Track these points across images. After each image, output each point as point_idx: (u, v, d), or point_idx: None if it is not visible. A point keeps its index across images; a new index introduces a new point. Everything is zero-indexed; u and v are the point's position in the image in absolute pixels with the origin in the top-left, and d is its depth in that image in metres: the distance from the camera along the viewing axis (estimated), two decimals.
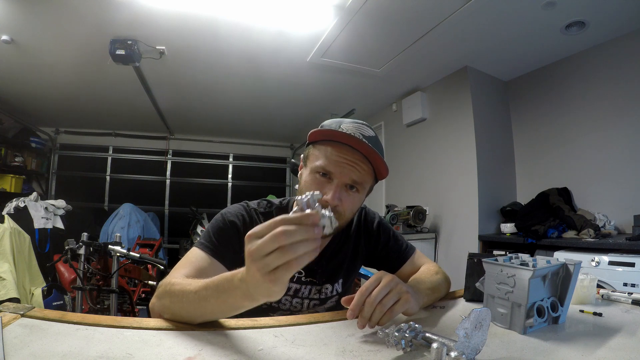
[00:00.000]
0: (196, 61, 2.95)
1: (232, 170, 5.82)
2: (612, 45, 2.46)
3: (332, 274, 0.91)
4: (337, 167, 0.74)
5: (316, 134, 0.78)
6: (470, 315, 0.47)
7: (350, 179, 0.75)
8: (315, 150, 0.79)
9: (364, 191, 0.80)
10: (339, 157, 0.74)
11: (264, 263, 0.44)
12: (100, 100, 3.93)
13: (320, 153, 0.77)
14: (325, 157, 0.75)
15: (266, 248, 0.44)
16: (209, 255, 0.76)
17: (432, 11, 2.19)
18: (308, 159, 0.80)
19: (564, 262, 0.68)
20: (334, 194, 0.73)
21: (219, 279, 0.55)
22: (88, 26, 2.42)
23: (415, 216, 3.10)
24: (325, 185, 0.75)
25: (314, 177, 0.76)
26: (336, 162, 0.74)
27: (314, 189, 0.74)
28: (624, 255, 1.86)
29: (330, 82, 3.36)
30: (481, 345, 0.49)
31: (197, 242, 0.80)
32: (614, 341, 0.58)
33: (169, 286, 0.64)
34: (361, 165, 0.75)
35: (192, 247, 0.80)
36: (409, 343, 0.52)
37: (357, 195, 0.78)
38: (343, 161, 0.74)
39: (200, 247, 0.78)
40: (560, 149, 2.80)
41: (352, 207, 0.78)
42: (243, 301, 0.52)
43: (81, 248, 2.05)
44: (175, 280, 0.65)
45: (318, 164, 0.76)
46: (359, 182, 0.76)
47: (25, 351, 0.47)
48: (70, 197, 4.09)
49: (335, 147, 0.76)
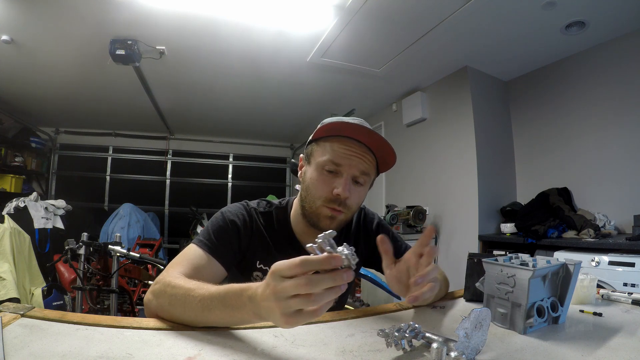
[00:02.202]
0: (196, 61, 2.95)
1: (232, 170, 5.82)
2: (612, 45, 2.46)
3: None
4: (345, 159, 0.75)
5: (322, 130, 0.77)
6: (470, 315, 0.47)
7: (358, 170, 0.76)
8: (320, 146, 0.78)
9: (368, 184, 0.81)
10: (346, 150, 0.75)
11: (287, 305, 0.44)
12: (100, 100, 3.93)
13: (326, 149, 0.77)
14: (332, 151, 0.75)
15: (291, 291, 0.44)
16: (207, 253, 0.75)
17: (432, 11, 2.19)
18: (312, 156, 0.80)
19: (564, 262, 0.68)
20: (345, 187, 0.74)
21: (226, 292, 0.54)
22: (88, 26, 2.42)
23: (415, 216, 3.10)
24: (334, 180, 0.75)
25: (321, 173, 0.76)
26: (344, 155, 0.75)
27: (323, 186, 0.76)
28: (624, 255, 1.86)
29: (330, 82, 3.36)
30: (481, 345, 0.49)
31: (195, 239, 0.79)
32: (614, 341, 0.58)
33: (169, 287, 0.63)
34: (367, 157, 0.76)
35: (190, 243, 0.79)
36: (409, 343, 0.52)
37: (362, 188, 0.79)
38: (351, 154, 0.75)
39: (198, 244, 0.77)
40: (560, 149, 2.79)
41: (358, 200, 0.79)
42: (252, 318, 0.52)
43: (81, 248, 2.05)
44: (175, 281, 0.63)
45: (325, 159, 0.75)
46: (367, 173, 0.77)
47: (25, 351, 0.47)
48: (70, 197, 4.09)
49: (340, 141, 0.76)
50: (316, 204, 0.77)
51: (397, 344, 0.52)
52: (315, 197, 0.77)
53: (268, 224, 0.86)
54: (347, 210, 0.77)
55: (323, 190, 0.75)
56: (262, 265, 0.84)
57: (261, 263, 0.84)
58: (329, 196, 0.75)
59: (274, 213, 0.88)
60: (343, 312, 0.73)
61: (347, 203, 0.75)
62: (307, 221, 0.81)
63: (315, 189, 0.77)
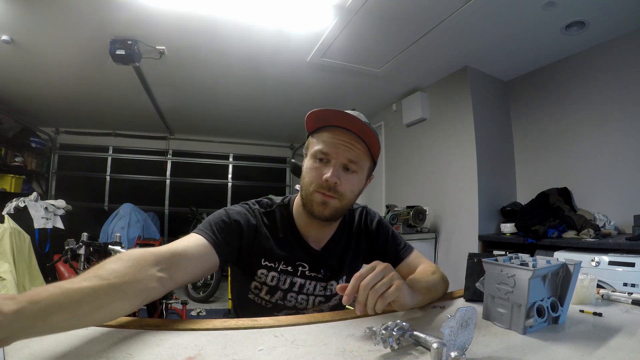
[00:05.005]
0: (196, 61, 2.95)
1: (232, 170, 5.82)
2: (612, 45, 2.46)
3: (336, 270, 0.93)
4: (333, 148, 0.80)
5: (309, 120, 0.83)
6: (456, 314, 0.47)
7: (346, 158, 0.80)
8: (313, 138, 0.85)
9: (362, 172, 0.85)
10: (334, 139, 0.81)
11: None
12: (100, 100, 3.93)
13: (318, 140, 0.83)
14: (322, 141, 0.82)
15: None
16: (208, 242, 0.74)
17: (432, 11, 2.19)
18: (308, 148, 0.86)
19: (564, 262, 0.68)
20: (333, 173, 0.79)
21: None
22: (88, 26, 2.42)
23: (415, 216, 3.10)
24: (324, 167, 0.81)
25: (313, 162, 0.83)
26: (332, 144, 0.80)
27: (314, 173, 0.81)
28: (624, 255, 1.86)
29: (330, 82, 3.36)
30: (467, 344, 0.50)
31: (196, 229, 0.78)
32: (614, 341, 0.58)
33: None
34: (356, 145, 0.81)
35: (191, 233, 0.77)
36: (396, 341, 0.52)
37: (355, 176, 0.83)
38: (338, 142, 0.80)
39: (199, 232, 0.76)
40: (560, 149, 2.79)
41: (351, 187, 0.83)
42: None
43: (81, 248, 2.05)
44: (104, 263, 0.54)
45: (316, 149, 0.82)
46: (355, 160, 0.81)
47: (25, 351, 0.47)
48: (70, 197, 4.09)
49: (330, 131, 0.82)
50: (309, 190, 0.82)
51: (384, 342, 0.52)
52: (308, 184, 0.83)
53: (271, 222, 0.90)
54: (340, 196, 0.81)
55: (314, 176, 0.81)
56: (266, 262, 0.86)
57: (266, 260, 0.86)
58: (319, 182, 0.80)
59: (277, 211, 0.91)
60: (343, 312, 0.73)
61: (337, 189, 0.80)
62: (306, 211, 0.85)
63: (308, 176, 0.83)
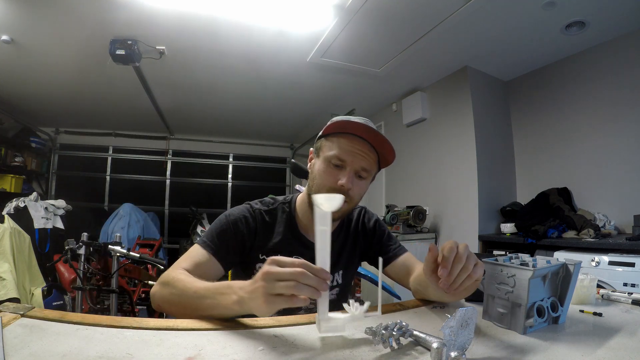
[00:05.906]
0: (196, 61, 2.95)
1: (232, 170, 5.82)
2: (612, 45, 2.46)
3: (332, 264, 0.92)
4: (349, 156, 0.83)
5: (331, 127, 0.85)
6: (456, 314, 0.47)
7: (360, 166, 0.84)
8: (328, 142, 0.86)
9: (369, 178, 0.89)
10: (351, 147, 0.83)
11: (272, 285, 0.52)
12: (100, 100, 3.93)
13: (334, 144, 0.85)
14: (338, 147, 0.83)
15: (281, 276, 0.52)
16: (210, 253, 0.82)
17: (432, 11, 2.19)
18: (321, 150, 0.88)
19: (564, 262, 0.68)
20: (348, 179, 0.82)
21: (221, 283, 0.64)
22: (88, 26, 2.42)
23: (415, 216, 3.10)
24: (339, 172, 0.83)
25: (328, 166, 0.85)
26: (349, 152, 0.83)
27: (330, 177, 0.84)
28: (624, 255, 1.86)
29: (330, 82, 3.35)
30: (467, 344, 0.50)
31: (199, 240, 0.86)
32: (614, 341, 0.58)
33: (172, 280, 0.71)
34: (369, 155, 0.84)
35: (194, 244, 0.85)
36: (396, 341, 0.52)
37: (364, 182, 0.87)
38: (355, 151, 0.83)
39: (202, 245, 0.84)
40: (560, 149, 2.79)
41: (360, 192, 0.87)
42: (233, 305, 0.59)
43: (81, 248, 2.05)
44: (178, 276, 0.71)
45: (332, 154, 0.84)
46: (368, 169, 0.85)
47: (25, 351, 0.47)
48: (70, 197, 4.08)
49: (347, 138, 0.84)
50: (322, 192, 0.84)
51: (384, 342, 0.52)
52: (321, 186, 0.84)
53: (272, 219, 0.93)
54: (350, 200, 0.84)
55: (329, 180, 0.84)
56: (264, 257, 0.89)
57: (264, 254, 0.89)
58: (334, 186, 0.83)
59: (279, 208, 0.95)
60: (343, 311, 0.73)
61: (349, 194, 0.83)
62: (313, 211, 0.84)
63: (322, 179, 0.85)
